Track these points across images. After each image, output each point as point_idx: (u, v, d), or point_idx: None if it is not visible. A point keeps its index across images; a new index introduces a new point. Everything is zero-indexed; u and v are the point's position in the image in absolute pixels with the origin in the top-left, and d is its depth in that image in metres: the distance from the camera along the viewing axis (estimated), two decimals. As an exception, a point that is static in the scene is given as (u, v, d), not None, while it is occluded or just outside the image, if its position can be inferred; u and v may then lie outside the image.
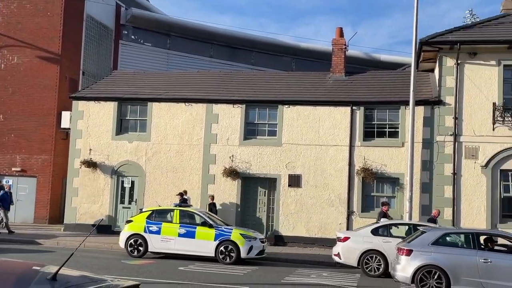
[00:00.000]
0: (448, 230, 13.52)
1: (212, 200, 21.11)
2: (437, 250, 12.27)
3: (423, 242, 12.48)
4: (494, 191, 19.43)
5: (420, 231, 13.18)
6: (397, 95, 21.21)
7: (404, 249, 12.43)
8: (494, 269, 11.89)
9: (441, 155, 20.00)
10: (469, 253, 12.17)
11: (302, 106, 21.73)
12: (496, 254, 12.44)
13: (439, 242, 12.50)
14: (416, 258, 12.17)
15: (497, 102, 19.56)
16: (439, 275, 11.97)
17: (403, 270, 12.31)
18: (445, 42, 19.90)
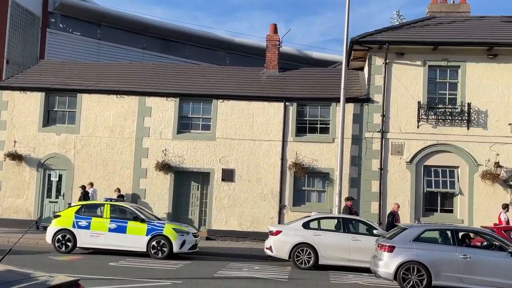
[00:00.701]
0: (429, 226, 13.82)
1: (118, 193, 20.79)
2: (419, 247, 12.53)
3: (405, 239, 12.68)
4: (418, 186, 20.35)
5: (401, 228, 13.39)
6: (329, 92, 21.72)
7: (386, 246, 12.60)
8: (473, 264, 12.27)
9: (369, 151, 20.71)
10: (449, 249, 12.50)
11: (236, 101, 21.82)
12: (474, 250, 12.82)
13: (420, 238, 12.80)
14: (398, 255, 12.39)
15: (421, 101, 20.47)
16: (421, 270, 12.24)
17: (385, 266, 12.48)
18: (374, 42, 20.60)
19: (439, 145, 20.35)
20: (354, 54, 21.92)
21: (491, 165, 19.77)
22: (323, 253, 15.42)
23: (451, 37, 20.62)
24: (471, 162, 20.09)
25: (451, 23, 22.03)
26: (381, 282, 13.72)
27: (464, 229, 13.60)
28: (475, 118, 20.25)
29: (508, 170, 19.75)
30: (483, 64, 20.33)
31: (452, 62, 20.52)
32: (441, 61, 20.58)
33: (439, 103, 20.56)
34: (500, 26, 21.56)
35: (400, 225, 13.93)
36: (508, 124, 20.05)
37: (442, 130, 20.37)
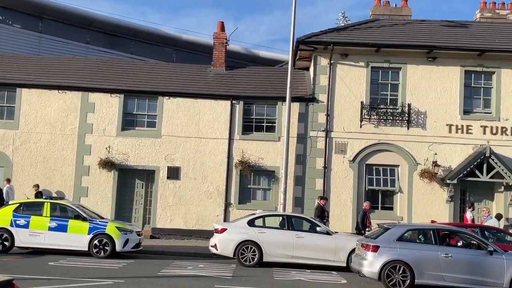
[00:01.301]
0: (411, 226, 14.12)
1: (37, 189, 20.27)
2: (402, 246, 12.77)
3: (389, 238, 12.91)
4: (360, 184, 20.85)
5: (384, 227, 13.57)
6: (275, 91, 21.91)
7: (370, 245, 12.78)
8: (454, 263, 12.61)
9: (313, 149, 21.04)
10: (431, 248, 12.80)
11: (183, 98, 21.68)
12: (455, 249, 13.13)
13: (403, 238, 13.07)
14: (383, 254, 12.59)
15: (364, 101, 20.97)
16: (405, 270, 12.48)
17: (370, 265, 12.65)
18: (320, 43, 20.94)
19: (380, 144, 20.92)
20: (300, 54, 22.21)
21: (429, 164, 20.49)
22: (268, 250, 15.57)
23: (393, 40, 21.23)
24: (410, 161, 20.76)
25: (393, 26, 22.69)
26: (324, 279, 14.01)
27: (445, 228, 13.94)
28: (415, 119, 20.93)
29: (445, 169, 20.53)
30: (423, 67, 21.04)
31: (393, 64, 21.13)
32: (383, 62, 21.15)
33: (381, 103, 21.13)
34: (439, 30, 22.37)
35: (383, 225, 14.13)
36: (445, 124, 20.85)
37: (384, 130, 20.95)
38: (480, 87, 21.13)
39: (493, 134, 20.67)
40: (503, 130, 20.69)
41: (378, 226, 14.67)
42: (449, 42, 21.03)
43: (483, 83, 21.11)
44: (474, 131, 20.73)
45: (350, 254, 15.37)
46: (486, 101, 21.10)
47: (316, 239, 15.76)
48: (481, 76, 21.09)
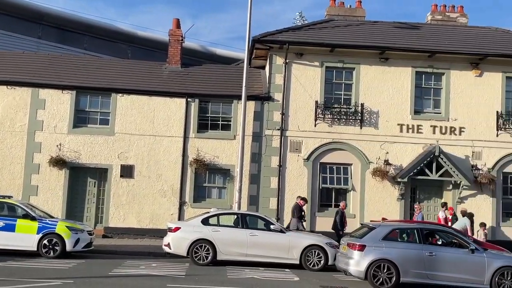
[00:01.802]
0: (396, 226, 14.20)
1: None
2: (388, 245, 12.98)
3: (375, 238, 13.11)
4: (314, 182, 21.09)
5: (369, 227, 13.77)
6: (231, 89, 21.89)
7: (357, 245, 12.96)
8: (437, 261, 12.92)
9: (269, 148, 21.14)
10: (416, 247, 13.08)
11: (137, 95, 21.40)
12: (439, 247, 13.42)
13: (389, 237, 13.25)
14: (369, 253, 12.79)
15: (319, 101, 21.22)
16: (390, 268, 12.70)
17: (357, 265, 12.83)
18: (275, 42, 21.05)
19: (334, 143, 21.21)
20: (256, 53, 22.27)
21: (381, 162, 20.91)
22: (222, 248, 15.55)
23: (347, 40, 21.55)
24: (363, 160, 21.14)
25: (347, 27, 23.03)
26: (277, 276, 14.11)
27: (428, 228, 14.24)
28: (368, 118, 21.32)
29: (397, 168, 21.00)
30: (376, 67, 21.45)
31: (347, 64, 21.45)
32: (337, 62, 21.45)
33: (335, 103, 21.43)
34: (392, 31, 22.85)
35: (368, 224, 14.35)
36: (397, 124, 21.31)
37: (337, 129, 21.26)
38: (430, 87, 21.71)
39: (442, 133, 21.27)
40: (451, 130, 21.32)
41: (362, 225, 14.86)
42: (401, 44, 21.51)
43: (433, 84, 21.70)
44: (424, 130, 21.29)
45: (303, 252, 15.57)
46: (436, 101, 21.69)
47: (270, 237, 15.85)
48: (431, 77, 21.68)
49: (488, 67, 21.42)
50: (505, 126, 21.32)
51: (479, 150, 21.23)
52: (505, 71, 21.46)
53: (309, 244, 15.74)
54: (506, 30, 23.97)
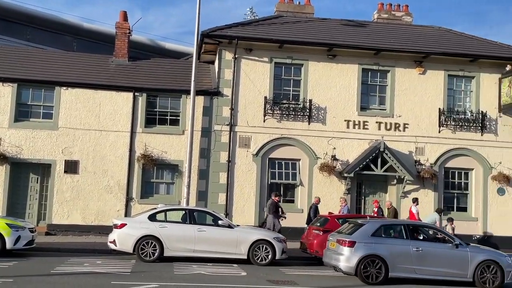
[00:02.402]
0: (384, 222, 14.64)
1: None
2: (377, 241, 13.35)
3: (365, 234, 13.43)
4: (263, 178, 21.19)
5: (359, 223, 14.05)
6: (179, 84, 21.67)
7: (347, 241, 13.25)
8: (424, 256, 13.37)
9: (218, 143, 21.08)
10: (403, 243, 13.50)
11: (82, 89, 20.87)
12: (425, 243, 13.83)
13: (378, 233, 13.61)
14: (359, 249, 13.13)
15: (268, 96, 21.31)
16: (379, 264, 13.06)
17: (347, 260, 13.15)
18: (224, 37, 20.97)
19: (283, 138, 21.37)
20: (205, 48, 22.12)
21: (328, 158, 21.22)
22: (169, 245, 15.38)
23: (296, 36, 21.72)
24: (311, 155, 21.39)
25: (296, 23, 23.21)
26: (225, 271, 14.09)
27: (415, 224, 14.83)
28: (316, 114, 21.58)
29: (343, 163, 21.36)
30: (324, 64, 21.72)
31: (296, 60, 21.63)
32: (286, 58, 21.59)
33: (284, 98, 21.57)
34: (339, 28, 23.19)
35: (356, 221, 14.64)
36: (344, 120, 21.67)
37: (286, 125, 21.41)
38: (376, 84, 22.19)
39: (387, 129, 21.78)
40: (396, 126, 21.86)
41: (349, 222, 15.13)
42: (348, 41, 21.85)
43: (379, 81, 22.19)
44: (370, 126, 21.74)
45: (251, 247, 15.61)
46: (381, 98, 22.19)
47: (218, 232, 15.80)
48: (377, 74, 22.15)
49: (431, 65, 22.08)
50: (447, 123, 22.04)
51: (422, 146, 21.87)
52: (447, 69, 22.17)
53: (257, 239, 15.79)
54: (448, 30, 24.77)
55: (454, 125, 22.06)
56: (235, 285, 12.35)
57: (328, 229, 16.50)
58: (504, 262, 13.70)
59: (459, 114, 22.19)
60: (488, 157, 22.08)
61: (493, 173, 21.98)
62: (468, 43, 23.13)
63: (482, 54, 22.04)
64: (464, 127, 22.10)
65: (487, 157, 22.08)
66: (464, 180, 22.37)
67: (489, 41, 23.70)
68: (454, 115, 22.13)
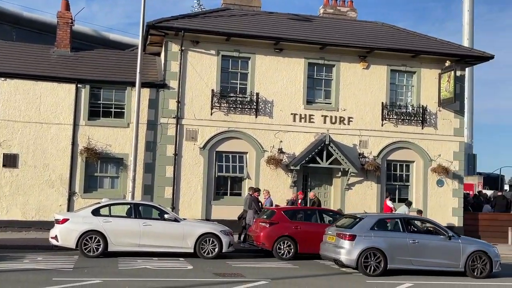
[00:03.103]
0: (382, 216, 15.35)
1: None
2: (376, 234, 13.88)
3: (364, 228, 13.94)
4: (210, 171, 21.11)
5: (355, 217, 14.60)
6: (124, 75, 21.24)
7: (347, 235, 13.72)
8: (420, 248, 14.03)
9: (164, 136, 20.82)
10: (401, 236, 14.10)
11: (22, 80, 20.14)
12: (421, 235, 14.52)
13: (376, 227, 14.13)
14: (359, 243, 13.61)
15: (215, 89, 21.21)
16: (379, 256, 13.60)
17: (348, 253, 13.62)
18: (171, 28, 20.68)
19: (230, 132, 21.34)
20: (151, 39, 21.76)
21: (275, 151, 21.36)
22: (113, 239, 15.10)
23: (243, 30, 21.68)
24: (258, 148, 21.47)
25: (243, 16, 23.18)
26: (171, 265, 13.98)
27: (410, 217, 15.58)
28: (263, 107, 21.66)
29: (290, 156, 21.57)
30: (270, 57, 21.80)
31: (243, 53, 21.61)
32: (233, 51, 21.53)
33: (231, 92, 21.53)
34: (286, 22, 23.32)
35: (355, 214, 15.27)
36: (290, 113, 21.85)
37: (233, 118, 21.39)
38: (322, 78, 22.48)
39: (333, 123, 22.14)
40: (341, 119, 22.25)
41: (345, 215, 15.83)
42: (294, 35, 22.00)
43: (324, 75, 22.48)
44: (316, 120, 22.03)
45: (197, 240, 15.54)
46: (326, 92, 22.50)
47: (164, 226, 15.64)
48: (323, 69, 22.43)
49: (375, 60, 22.57)
50: (389, 117, 22.62)
51: (366, 139, 22.37)
52: (390, 64, 22.72)
53: (204, 232, 15.74)
54: (391, 26, 25.37)
55: (396, 118, 22.68)
56: (181, 279, 12.28)
57: (275, 221, 16.69)
58: (492, 253, 14.57)
59: (401, 108, 22.81)
60: (428, 149, 22.83)
61: (432, 165, 22.73)
62: (410, 39, 23.79)
63: (423, 50, 22.70)
64: (405, 120, 22.74)
65: (427, 149, 22.82)
66: (406, 172, 23.06)
67: (430, 37, 24.44)
68: (396, 109, 22.73)
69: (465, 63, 23.73)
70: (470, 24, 36.52)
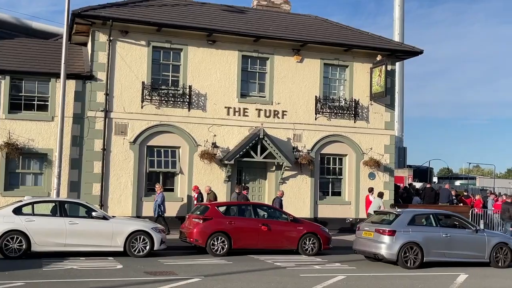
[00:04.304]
0: (417, 211, 16.24)
1: None
2: (414, 230, 14.94)
3: (402, 223, 14.95)
4: (141, 166, 20.38)
5: (395, 214, 15.58)
6: (48, 66, 20.10)
7: (387, 230, 14.72)
8: (452, 241, 15.11)
9: (91, 130, 19.89)
10: (434, 230, 15.23)
11: None
12: (452, 229, 15.54)
13: (412, 222, 15.16)
14: (399, 237, 14.62)
15: (146, 81, 20.48)
16: (416, 250, 14.63)
17: (389, 248, 14.57)
18: (98, 17, 19.73)
19: (162, 125, 20.69)
20: (76, 28, 20.71)
21: (209, 145, 20.92)
22: (37, 239, 14.19)
23: (174, 20, 21.02)
24: (191, 143, 20.95)
25: (174, 6, 22.50)
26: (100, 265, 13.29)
27: (441, 213, 16.61)
28: (196, 101, 21.15)
29: (224, 150, 21.19)
30: (203, 49, 21.30)
31: (175, 45, 20.98)
32: (164, 42, 20.86)
33: (163, 84, 20.87)
34: (219, 14, 22.86)
35: (390, 211, 16.52)
36: (224, 107, 21.47)
37: (165, 111, 20.75)
38: (256, 71, 22.23)
39: (267, 117, 21.95)
40: (275, 113, 22.11)
41: (376, 212, 17.02)
42: (227, 27, 21.59)
43: (258, 68, 22.24)
44: (250, 113, 21.76)
45: (127, 238, 14.90)
46: (261, 85, 22.28)
47: (91, 224, 14.88)
48: (257, 61, 22.18)
49: (308, 54, 22.57)
50: (323, 110, 22.72)
51: (300, 133, 22.36)
52: (323, 58, 22.80)
53: (134, 230, 15.11)
54: (324, 19, 25.48)
55: (330, 112, 22.81)
56: (110, 278, 11.69)
57: (208, 217, 16.28)
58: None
59: (334, 102, 22.97)
60: (360, 143, 23.13)
61: (364, 158, 23.07)
62: (343, 33, 23.97)
63: (355, 44, 22.93)
64: (338, 114, 22.92)
65: (359, 143, 23.12)
66: (339, 165, 23.27)
67: (363, 31, 24.74)
68: (329, 103, 22.86)
69: (395, 57, 24.22)
70: (400, 19, 37.32)
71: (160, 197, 18.88)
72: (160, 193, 19.00)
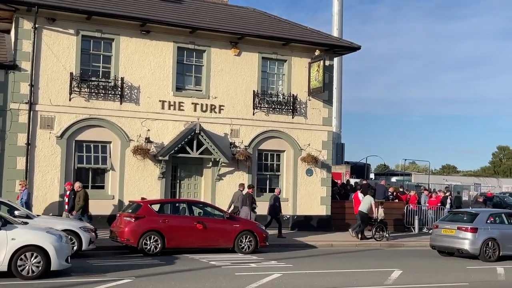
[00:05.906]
0: (492, 211, 18.58)
1: None
2: (492, 227, 16.93)
3: (482, 221, 16.91)
4: (69, 162, 19.26)
5: (474, 213, 17.52)
6: (-34, 54, 18.57)
7: (469, 227, 16.63)
8: None
9: (14, 124, 18.58)
10: (508, 227, 17.20)
11: None
12: None
13: (489, 220, 17.15)
14: (481, 234, 16.55)
15: (74, 72, 19.34)
16: (495, 245, 16.58)
17: (473, 244, 16.47)
18: (21, 3, 18.41)
19: (91, 119, 19.62)
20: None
21: (142, 140, 20.03)
22: None
23: (106, 8, 19.93)
24: (123, 137, 19.98)
25: (106, -6, 21.39)
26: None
27: (510, 212, 18.48)
28: (128, 93, 20.18)
29: (158, 145, 20.36)
30: (137, 40, 20.35)
31: (106, 34, 19.92)
32: (95, 32, 19.76)
33: (93, 75, 19.78)
34: (154, 3, 21.90)
35: (471, 210, 18.49)
36: (159, 100, 20.63)
37: (95, 104, 19.69)
38: (192, 64, 21.50)
39: (203, 111, 21.29)
40: (212, 107, 21.48)
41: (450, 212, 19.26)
42: (162, 17, 20.73)
43: (194, 60, 21.51)
44: (186, 108, 21.03)
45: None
46: (197, 78, 21.57)
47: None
48: (193, 54, 21.45)
49: (246, 47, 22.05)
50: (261, 105, 22.30)
51: (237, 128, 21.84)
52: (261, 52, 22.35)
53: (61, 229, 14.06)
54: (263, 12, 25.04)
55: (268, 107, 22.42)
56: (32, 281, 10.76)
57: (141, 215, 15.50)
58: None
59: (272, 97, 22.60)
60: (298, 139, 22.89)
61: (302, 154, 22.85)
62: (281, 26, 23.63)
63: (294, 38, 22.63)
64: (276, 109, 22.57)
65: (297, 139, 22.88)
66: (277, 161, 22.95)
67: (301, 26, 24.50)
68: (267, 98, 22.47)
69: (333, 53, 24.15)
70: (339, 14, 37.33)
71: (25, 194, 16.89)
72: (25, 189, 17.04)
